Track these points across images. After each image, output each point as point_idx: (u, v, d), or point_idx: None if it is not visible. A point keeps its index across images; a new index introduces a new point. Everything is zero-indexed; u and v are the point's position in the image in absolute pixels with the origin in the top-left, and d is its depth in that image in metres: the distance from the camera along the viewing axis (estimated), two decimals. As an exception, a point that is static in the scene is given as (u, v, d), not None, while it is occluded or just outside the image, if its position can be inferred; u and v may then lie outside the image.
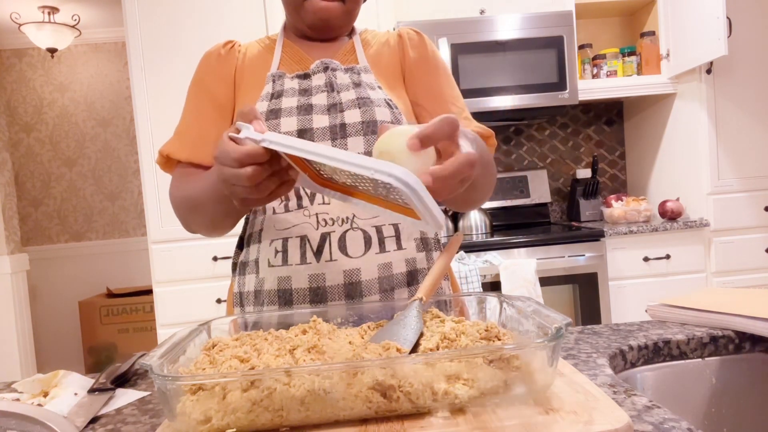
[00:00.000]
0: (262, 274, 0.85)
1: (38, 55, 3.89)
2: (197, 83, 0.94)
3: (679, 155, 2.58)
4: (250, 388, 0.47)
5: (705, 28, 2.22)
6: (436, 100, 0.94)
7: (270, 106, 0.86)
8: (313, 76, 0.89)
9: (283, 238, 0.83)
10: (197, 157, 0.89)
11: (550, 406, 0.50)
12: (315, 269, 0.81)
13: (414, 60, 0.96)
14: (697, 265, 2.36)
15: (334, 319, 0.70)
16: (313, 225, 0.81)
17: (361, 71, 0.91)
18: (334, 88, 0.87)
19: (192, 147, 0.90)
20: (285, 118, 0.84)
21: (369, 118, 0.84)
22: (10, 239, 3.07)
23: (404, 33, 0.98)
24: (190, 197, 0.85)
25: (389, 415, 0.50)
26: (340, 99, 0.86)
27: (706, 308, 0.82)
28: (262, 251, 0.85)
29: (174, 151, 0.91)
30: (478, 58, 2.36)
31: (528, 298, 0.64)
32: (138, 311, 3.54)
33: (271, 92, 0.88)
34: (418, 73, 0.95)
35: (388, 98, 0.88)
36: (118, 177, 3.98)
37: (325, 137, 0.84)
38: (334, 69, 0.89)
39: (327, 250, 0.81)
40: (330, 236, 0.81)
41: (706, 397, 0.77)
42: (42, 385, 0.71)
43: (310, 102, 0.86)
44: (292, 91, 0.88)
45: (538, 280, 2.12)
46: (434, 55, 0.97)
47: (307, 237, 0.81)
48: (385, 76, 0.94)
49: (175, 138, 0.92)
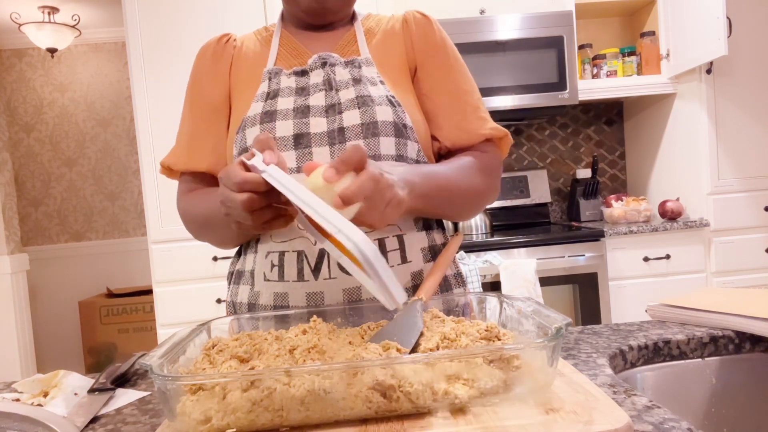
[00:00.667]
0: (258, 287, 0.82)
1: (38, 55, 3.89)
2: (193, 85, 0.92)
3: (679, 155, 2.58)
4: (250, 388, 0.47)
5: (705, 28, 2.22)
6: (449, 95, 0.88)
7: (265, 107, 0.82)
8: (311, 73, 0.84)
9: (279, 251, 0.79)
10: (195, 165, 0.89)
11: (550, 406, 0.50)
12: (313, 287, 0.77)
13: (421, 50, 0.89)
14: (697, 265, 2.36)
15: (334, 319, 0.70)
16: (311, 240, 0.77)
17: (362, 64, 0.85)
18: (332, 86, 0.82)
19: (189, 156, 0.89)
20: (281, 122, 0.80)
21: (369, 120, 0.79)
22: (10, 239, 3.07)
23: (410, 18, 0.90)
24: (199, 215, 0.85)
25: (389, 415, 0.50)
26: (339, 99, 0.81)
27: (706, 308, 0.82)
28: (257, 263, 0.83)
29: (174, 162, 0.90)
30: (478, 58, 2.36)
31: (528, 298, 0.64)
32: (138, 311, 3.54)
33: (266, 91, 0.84)
34: (426, 64, 0.88)
35: (390, 95, 0.83)
36: (118, 177, 3.98)
37: (323, 142, 0.79)
38: (333, 64, 0.84)
39: (326, 268, 0.77)
40: (328, 253, 0.76)
41: (706, 397, 0.77)
42: (42, 385, 0.71)
43: (308, 103, 0.81)
44: (288, 90, 0.83)
45: (538, 280, 2.12)
46: (444, 43, 0.89)
47: (304, 252, 0.77)
48: (389, 69, 0.87)
49: (175, 147, 0.92)
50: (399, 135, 0.80)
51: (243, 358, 0.56)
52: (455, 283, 0.88)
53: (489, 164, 0.87)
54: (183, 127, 0.92)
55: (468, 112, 0.87)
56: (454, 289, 0.87)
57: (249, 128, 0.81)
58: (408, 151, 0.82)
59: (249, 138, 0.81)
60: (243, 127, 0.82)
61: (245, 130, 0.82)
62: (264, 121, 0.81)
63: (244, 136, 0.82)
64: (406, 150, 0.81)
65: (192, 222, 0.88)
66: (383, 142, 0.79)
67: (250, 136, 0.81)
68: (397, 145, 0.80)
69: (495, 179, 0.89)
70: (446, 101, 0.87)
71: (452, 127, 0.87)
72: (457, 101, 0.88)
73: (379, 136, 0.79)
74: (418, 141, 0.84)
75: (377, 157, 0.79)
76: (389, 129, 0.79)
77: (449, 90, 0.88)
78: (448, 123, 0.87)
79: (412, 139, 0.83)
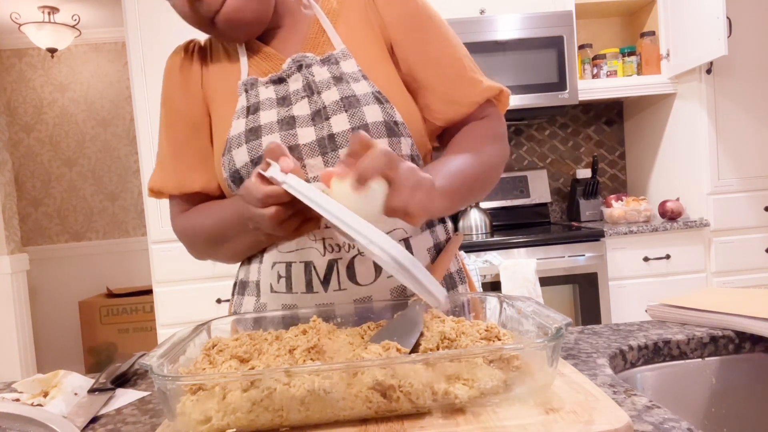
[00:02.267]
0: (264, 299, 0.81)
1: (38, 55, 3.89)
2: (166, 102, 0.87)
3: (679, 155, 2.58)
4: (250, 388, 0.47)
5: (705, 28, 2.22)
6: (434, 67, 0.80)
7: (248, 124, 0.78)
8: (289, 80, 0.80)
9: (286, 262, 0.77)
10: (187, 186, 0.85)
11: (550, 406, 0.50)
12: (323, 299, 0.76)
13: (392, 23, 0.81)
14: (697, 265, 2.36)
15: (334, 319, 0.70)
16: (320, 251, 0.75)
17: (339, 59, 0.79)
18: (313, 90, 0.78)
19: (178, 178, 0.85)
20: (266, 137, 0.76)
21: (358, 123, 0.75)
22: (10, 239, 3.07)
23: None
24: (210, 230, 0.82)
25: (389, 415, 0.50)
26: (323, 102, 0.76)
27: (706, 308, 0.82)
28: (263, 273, 0.81)
29: (162, 186, 0.86)
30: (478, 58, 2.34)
31: (528, 298, 0.64)
32: (138, 311, 3.54)
33: (246, 105, 0.80)
34: (400, 38, 0.81)
35: (375, 90, 0.77)
36: (118, 177, 3.98)
37: (315, 153, 0.76)
38: (309, 65, 0.79)
39: (335, 279, 0.75)
40: (338, 263, 0.75)
41: (706, 397, 0.77)
42: (42, 385, 0.71)
43: (292, 113, 0.77)
44: (269, 102, 0.79)
45: (538, 280, 2.12)
46: (417, 8, 0.81)
47: (312, 264, 0.75)
48: (368, 58, 0.80)
49: (158, 169, 0.87)
50: (391, 134, 0.77)
51: (243, 358, 0.56)
52: (459, 280, 0.87)
53: (494, 130, 0.82)
54: (162, 148, 0.87)
55: (455, 78, 0.81)
56: (458, 286, 0.86)
57: (235, 149, 0.78)
58: (402, 149, 0.79)
59: (237, 159, 0.78)
60: (229, 149, 0.79)
61: (231, 151, 0.78)
62: (249, 139, 0.77)
63: (231, 158, 0.78)
64: (400, 149, 0.78)
65: (199, 239, 0.85)
66: None
67: (237, 157, 0.77)
68: (391, 145, 0.77)
69: (503, 143, 0.84)
70: (431, 75, 0.80)
71: (442, 102, 0.81)
72: (442, 70, 0.80)
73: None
74: (411, 135, 0.80)
75: None
76: (381, 130, 0.76)
77: (431, 60, 0.80)
78: (436, 99, 0.81)
79: (405, 135, 0.79)
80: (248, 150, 0.77)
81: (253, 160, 0.76)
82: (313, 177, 0.76)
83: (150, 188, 0.88)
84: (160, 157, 0.88)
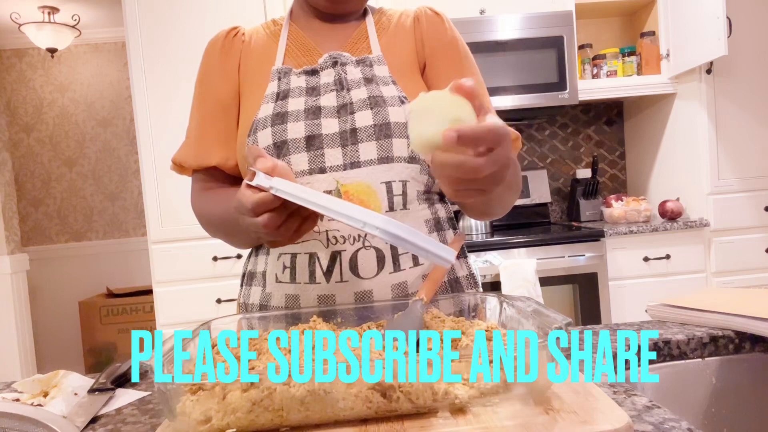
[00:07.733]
0: (269, 288, 0.83)
1: (38, 55, 3.89)
2: (202, 80, 0.91)
3: (679, 155, 2.58)
4: (250, 388, 0.47)
5: (705, 28, 2.22)
6: None
7: (276, 108, 0.81)
8: (322, 73, 0.83)
9: (291, 253, 0.79)
10: (205, 160, 0.88)
11: (550, 406, 0.50)
12: (324, 290, 0.77)
13: (432, 47, 0.88)
14: (697, 265, 2.36)
15: (334, 319, 0.70)
16: (323, 243, 0.77)
17: (373, 63, 0.84)
18: (344, 86, 0.81)
19: (199, 152, 0.88)
20: (292, 123, 0.79)
21: (381, 121, 0.78)
22: (10, 239, 3.07)
23: (422, 15, 0.90)
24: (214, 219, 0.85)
25: (389, 415, 0.50)
26: (351, 99, 0.80)
27: (706, 308, 0.82)
28: (269, 264, 0.83)
29: (184, 159, 0.89)
30: (478, 58, 2.35)
31: (528, 298, 0.64)
32: (138, 311, 3.54)
33: (276, 92, 0.83)
34: (436, 62, 0.87)
35: (402, 95, 0.82)
36: (118, 177, 3.98)
37: (335, 143, 0.78)
38: (344, 63, 0.83)
39: (337, 270, 0.77)
40: (341, 255, 0.76)
41: (706, 397, 0.77)
42: (42, 385, 0.71)
43: (319, 104, 0.81)
44: (299, 90, 0.82)
45: (538, 280, 2.12)
46: (455, 41, 0.89)
47: (316, 255, 0.77)
48: (400, 67, 0.86)
49: (184, 144, 0.91)
50: None
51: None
52: (467, 285, 0.87)
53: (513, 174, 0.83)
54: (192, 122, 0.91)
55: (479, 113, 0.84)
56: (466, 290, 0.87)
57: (260, 131, 0.80)
58: None
59: (260, 141, 0.80)
60: (254, 130, 0.81)
61: (256, 133, 0.81)
62: (275, 123, 0.80)
63: (256, 139, 0.81)
64: None
65: (207, 223, 0.89)
66: (396, 144, 0.78)
67: (261, 138, 0.80)
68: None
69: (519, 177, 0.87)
70: None
71: None
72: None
73: (392, 137, 0.78)
74: None
75: (390, 158, 0.78)
76: (402, 130, 0.79)
77: None
78: None
79: None
80: (272, 134, 0.79)
81: (276, 144, 0.79)
82: (329, 167, 0.78)
83: (173, 161, 0.91)
84: (188, 132, 0.92)
